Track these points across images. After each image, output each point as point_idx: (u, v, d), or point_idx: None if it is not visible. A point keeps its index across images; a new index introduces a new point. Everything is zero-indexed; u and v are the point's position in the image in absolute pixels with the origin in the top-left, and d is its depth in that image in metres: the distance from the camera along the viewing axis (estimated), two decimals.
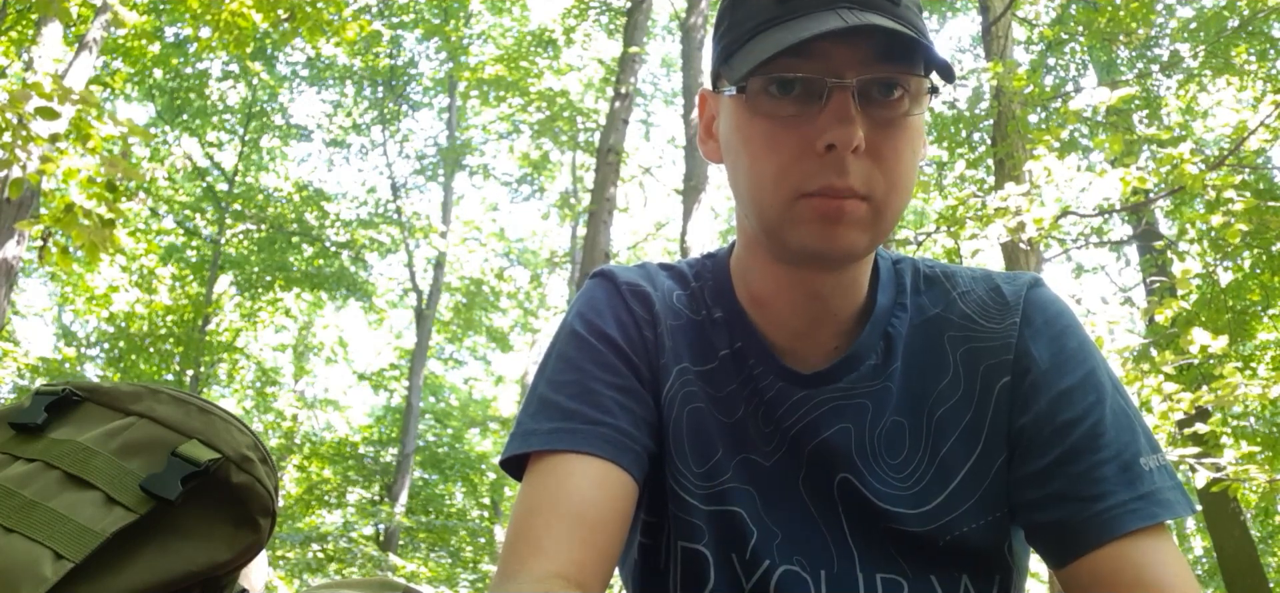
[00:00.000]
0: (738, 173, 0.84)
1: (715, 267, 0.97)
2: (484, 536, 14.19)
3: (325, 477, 13.63)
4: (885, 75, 0.77)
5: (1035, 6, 8.86)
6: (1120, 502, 0.77)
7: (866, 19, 0.74)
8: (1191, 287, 5.63)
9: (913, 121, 0.79)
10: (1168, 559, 0.75)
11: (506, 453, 0.87)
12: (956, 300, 0.92)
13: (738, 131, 0.82)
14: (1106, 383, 0.84)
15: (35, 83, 4.11)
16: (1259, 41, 7.69)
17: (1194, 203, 6.77)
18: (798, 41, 0.73)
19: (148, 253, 12.94)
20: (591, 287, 0.97)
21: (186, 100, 13.06)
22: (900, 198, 0.80)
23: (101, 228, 4.21)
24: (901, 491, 0.86)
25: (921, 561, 0.85)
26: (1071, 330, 0.88)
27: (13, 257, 6.26)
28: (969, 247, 6.12)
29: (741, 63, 0.78)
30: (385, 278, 15.80)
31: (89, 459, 0.73)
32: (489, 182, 15.08)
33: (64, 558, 0.65)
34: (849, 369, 0.88)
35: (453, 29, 12.76)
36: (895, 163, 0.78)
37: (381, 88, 14.41)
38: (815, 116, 0.76)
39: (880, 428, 0.87)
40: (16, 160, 4.07)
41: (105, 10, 6.96)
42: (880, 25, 0.73)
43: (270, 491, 0.77)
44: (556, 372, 0.89)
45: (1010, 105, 6.32)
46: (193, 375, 12.60)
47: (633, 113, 8.81)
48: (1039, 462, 0.82)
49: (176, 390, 0.80)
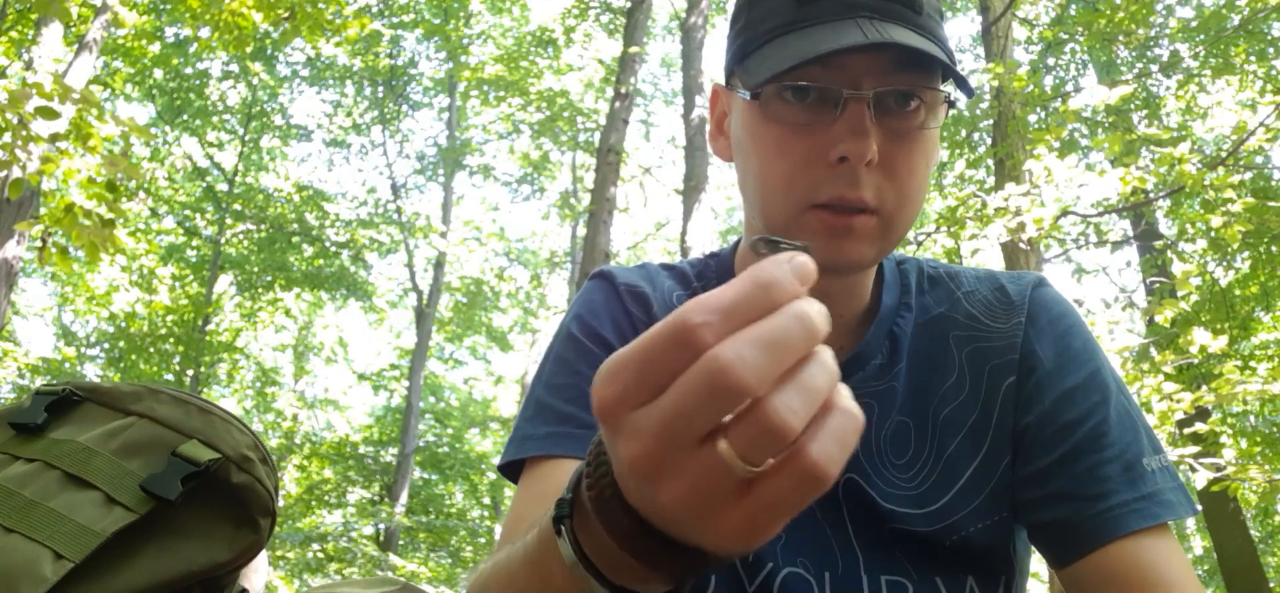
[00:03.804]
0: (748, 175, 0.83)
1: (719, 266, 0.97)
2: (484, 536, 14.19)
3: (325, 477, 13.63)
4: (902, 86, 0.76)
5: (1035, 6, 8.86)
6: (1123, 502, 0.77)
7: (887, 34, 0.72)
8: (1191, 287, 5.63)
9: (928, 134, 0.78)
10: (1170, 559, 0.75)
11: (504, 458, 0.86)
12: (961, 300, 0.91)
13: (749, 134, 0.81)
14: (1111, 383, 0.84)
15: (35, 82, 4.11)
16: (1259, 41, 7.68)
17: (1194, 203, 6.77)
18: (817, 55, 0.72)
19: (148, 253, 12.95)
20: (589, 288, 0.96)
21: (186, 100, 13.06)
22: (910, 210, 0.79)
23: (101, 228, 4.20)
24: (907, 491, 0.85)
25: (927, 562, 0.84)
26: (1076, 330, 0.88)
27: (13, 257, 6.26)
28: (969, 247, 6.11)
29: (757, 67, 0.77)
30: (385, 278, 15.84)
31: (89, 459, 0.72)
32: (489, 182, 15.10)
33: (64, 558, 0.65)
34: (854, 370, 0.87)
35: (453, 29, 12.76)
36: (908, 176, 0.78)
37: (381, 88, 14.41)
38: (829, 126, 0.75)
39: (886, 429, 0.87)
40: (16, 160, 4.07)
41: (105, 10, 6.96)
42: (900, 43, 0.72)
43: (270, 491, 0.77)
44: (553, 375, 0.89)
45: (1010, 105, 6.32)
46: (193, 375, 12.60)
47: (633, 113, 8.80)
48: (1042, 461, 0.82)
49: (176, 390, 0.80)
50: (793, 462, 0.38)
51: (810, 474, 0.38)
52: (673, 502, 0.40)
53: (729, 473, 0.38)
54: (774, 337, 0.38)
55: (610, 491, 0.43)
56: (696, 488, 0.39)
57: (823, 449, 0.38)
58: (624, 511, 0.43)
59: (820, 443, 0.38)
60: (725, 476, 0.38)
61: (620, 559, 0.45)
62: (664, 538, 0.43)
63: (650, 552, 0.43)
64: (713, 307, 0.38)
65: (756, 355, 0.37)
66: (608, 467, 0.44)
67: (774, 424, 0.37)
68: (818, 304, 0.40)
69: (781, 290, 0.39)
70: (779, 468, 0.38)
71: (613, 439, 0.41)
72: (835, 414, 0.40)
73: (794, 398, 0.38)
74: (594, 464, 0.45)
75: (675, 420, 0.38)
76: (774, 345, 0.38)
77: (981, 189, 7.05)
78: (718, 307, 0.38)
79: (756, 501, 0.39)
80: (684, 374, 0.38)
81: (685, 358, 0.38)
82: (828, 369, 0.40)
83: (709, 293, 0.39)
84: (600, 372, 0.40)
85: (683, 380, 0.38)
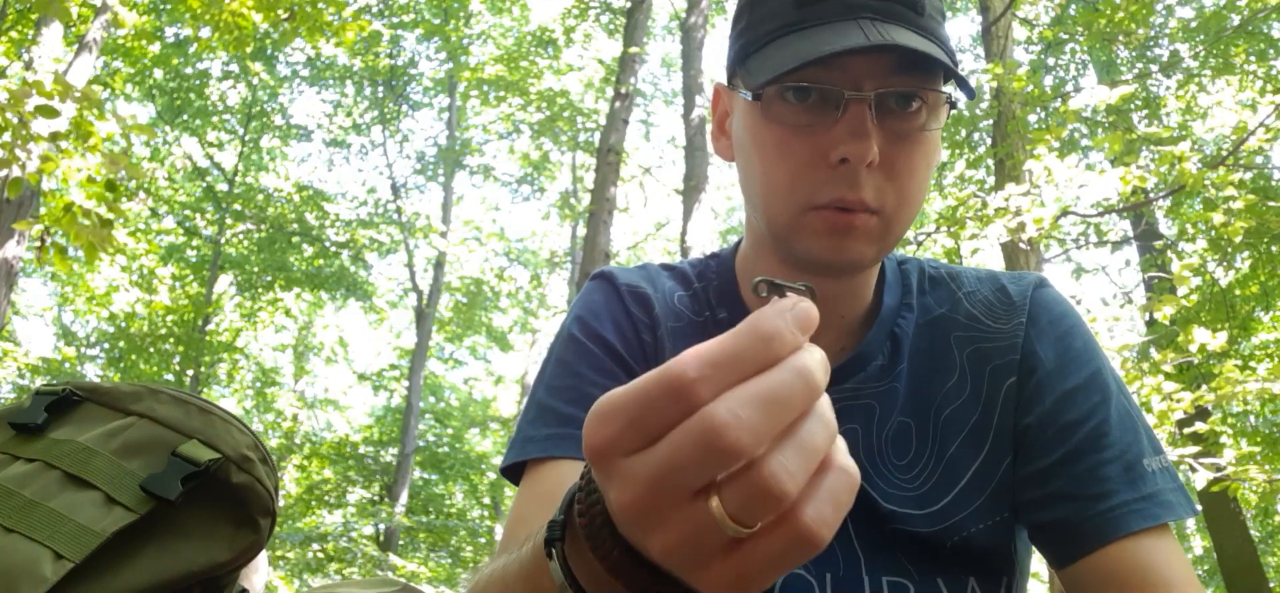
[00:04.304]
0: (749, 176, 0.83)
1: (720, 267, 0.96)
2: (484, 536, 14.19)
3: (325, 477, 13.63)
4: (903, 88, 0.76)
5: (1035, 7, 8.86)
6: (1123, 502, 0.77)
7: (888, 36, 0.72)
8: (1190, 285, 5.63)
9: (928, 135, 0.78)
10: (1170, 559, 0.75)
11: (506, 460, 0.86)
12: (962, 300, 0.91)
13: (751, 135, 0.81)
14: (1111, 384, 0.84)
15: (35, 81, 4.11)
16: (1259, 41, 7.69)
17: (1194, 202, 6.77)
18: (819, 57, 0.72)
19: (148, 253, 12.94)
20: (590, 289, 0.96)
21: (186, 100, 13.06)
22: (910, 211, 0.80)
23: (101, 228, 4.20)
24: (908, 492, 0.85)
25: (928, 563, 0.84)
26: (1077, 331, 0.88)
27: (13, 257, 6.26)
28: (969, 247, 6.11)
29: (758, 68, 0.77)
30: (385, 278, 15.83)
31: (89, 459, 0.72)
32: (489, 181, 15.10)
33: (64, 558, 0.65)
34: (856, 370, 0.87)
35: (453, 29, 12.76)
36: (908, 177, 0.78)
37: (381, 88, 14.41)
38: (830, 127, 0.75)
39: (887, 429, 0.87)
40: (16, 160, 4.07)
41: (105, 10, 6.96)
42: (901, 45, 0.72)
43: (270, 491, 0.77)
44: (554, 377, 0.89)
45: (1010, 105, 6.32)
46: (193, 375, 12.59)
47: (633, 113, 8.80)
48: (1043, 461, 0.82)
49: (176, 390, 0.80)
50: (785, 524, 0.37)
51: (803, 538, 0.37)
52: (660, 552, 0.39)
53: (719, 531, 0.37)
54: (773, 394, 0.37)
55: (601, 519, 0.42)
56: (684, 542, 0.38)
57: (817, 513, 0.37)
58: (614, 540, 0.42)
59: (815, 506, 0.37)
60: (715, 532, 0.37)
61: (610, 586, 0.44)
62: (654, 570, 0.41)
63: (640, 583, 0.42)
64: (710, 359, 0.37)
65: (753, 415, 0.36)
66: (599, 495, 0.42)
67: (769, 488, 0.36)
68: (819, 354, 0.39)
69: (783, 343, 0.38)
70: (770, 529, 0.37)
71: (603, 482, 0.40)
72: (832, 474, 0.38)
73: (791, 459, 0.37)
74: (587, 490, 0.44)
75: (667, 475, 0.37)
76: (772, 404, 0.37)
77: (981, 189, 7.05)
78: (715, 359, 0.37)
79: (746, 558, 0.38)
80: (678, 428, 0.37)
81: (680, 411, 0.37)
82: (827, 424, 0.38)
83: (707, 343, 0.38)
84: (592, 413, 0.39)
85: (676, 435, 0.37)
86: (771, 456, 0.36)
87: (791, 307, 0.39)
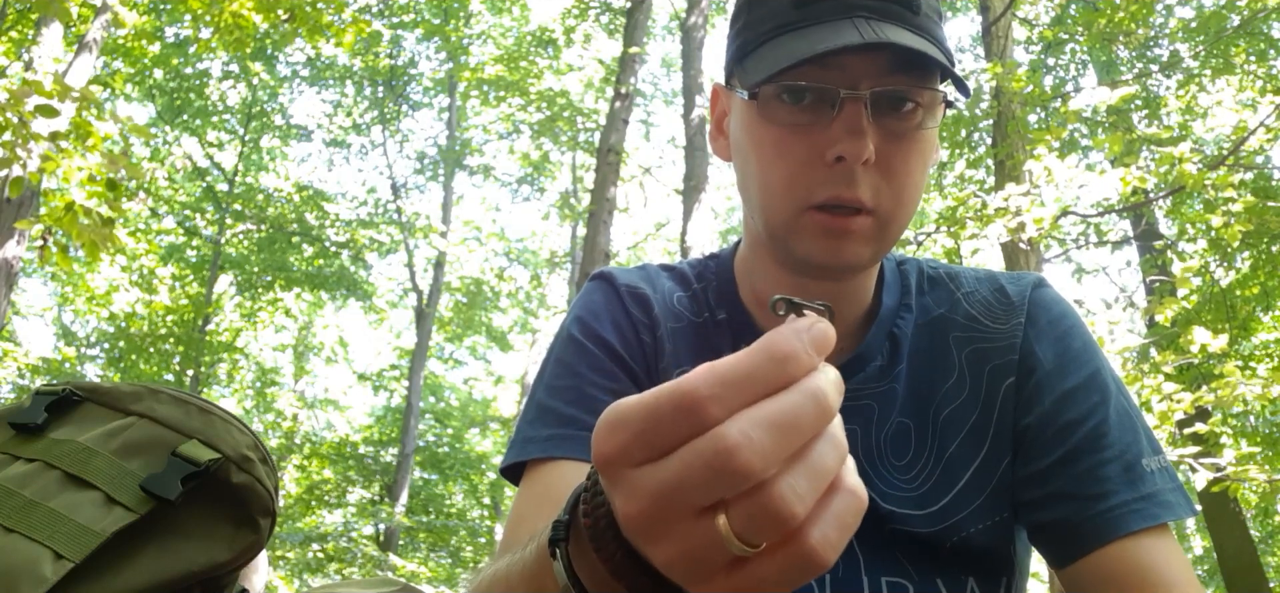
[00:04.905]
0: (747, 176, 0.83)
1: (719, 267, 0.96)
2: (484, 536, 14.19)
3: (325, 477, 13.63)
4: (899, 87, 0.76)
5: (1035, 7, 8.86)
6: (1122, 502, 0.77)
7: (883, 34, 0.72)
8: (1191, 285, 5.63)
9: (925, 135, 0.78)
10: (1170, 559, 0.75)
11: (506, 461, 0.86)
12: (961, 301, 0.91)
13: (748, 135, 0.82)
14: (1110, 384, 0.84)
15: (35, 81, 4.11)
16: (1259, 41, 7.69)
17: (1194, 203, 6.77)
18: (814, 55, 0.72)
19: (148, 253, 12.94)
20: (590, 290, 0.96)
21: (186, 100, 13.06)
22: (907, 211, 0.79)
23: (101, 227, 4.20)
24: (908, 493, 0.85)
25: (927, 563, 0.84)
26: (1076, 331, 0.88)
27: (13, 257, 6.26)
28: (969, 247, 6.11)
29: (755, 68, 0.77)
30: (385, 278, 15.83)
31: (89, 459, 0.72)
32: (489, 181, 15.11)
33: (64, 558, 0.65)
34: (855, 371, 0.87)
35: (453, 29, 12.76)
36: (905, 177, 0.78)
37: (381, 88, 14.41)
38: (827, 126, 0.75)
39: (886, 430, 0.87)
40: (17, 160, 4.07)
41: (105, 10, 6.96)
42: (897, 44, 0.72)
43: (270, 491, 0.77)
44: (554, 377, 0.89)
45: (1010, 105, 6.32)
46: (193, 375, 12.59)
47: (633, 113, 8.80)
48: (1042, 461, 0.82)
49: (176, 390, 0.80)
50: (791, 545, 0.37)
51: (807, 559, 0.37)
52: (664, 563, 0.39)
53: (724, 548, 0.37)
54: (785, 417, 0.36)
55: (606, 522, 0.42)
56: (689, 556, 0.38)
57: (823, 535, 0.37)
58: (618, 543, 0.42)
59: (821, 528, 0.37)
60: (720, 549, 0.37)
61: (613, 588, 0.44)
62: (657, 575, 0.41)
63: (642, 588, 0.42)
64: (723, 378, 0.37)
65: (764, 437, 0.36)
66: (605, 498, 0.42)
67: (778, 511, 0.36)
68: (833, 375, 0.39)
69: (797, 364, 0.38)
70: (775, 548, 0.37)
71: (610, 491, 0.40)
72: (840, 496, 0.38)
73: (801, 482, 0.36)
74: (592, 492, 0.44)
75: (675, 490, 0.37)
76: (784, 427, 0.36)
77: (981, 189, 7.05)
78: (728, 378, 0.37)
79: (749, 576, 0.38)
80: (688, 446, 0.36)
81: (690, 428, 0.37)
82: (838, 446, 0.38)
83: (720, 361, 0.38)
84: (602, 420, 0.39)
85: (686, 452, 0.36)
86: (781, 478, 0.36)
87: (809, 327, 0.39)
